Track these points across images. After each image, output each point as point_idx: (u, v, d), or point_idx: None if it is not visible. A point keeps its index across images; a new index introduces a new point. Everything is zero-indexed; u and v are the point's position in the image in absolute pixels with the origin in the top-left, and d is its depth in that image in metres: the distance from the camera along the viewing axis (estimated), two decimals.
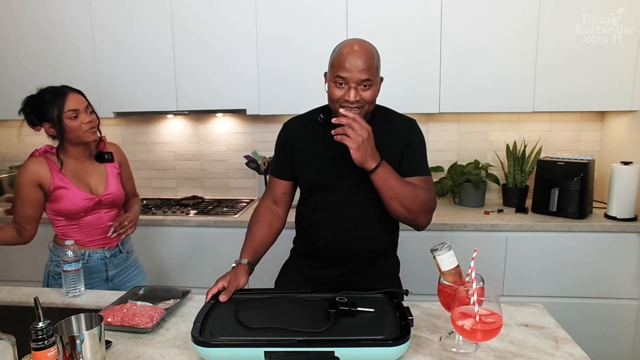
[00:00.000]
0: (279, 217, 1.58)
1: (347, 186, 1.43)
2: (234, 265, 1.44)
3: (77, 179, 1.68)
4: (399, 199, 1.33)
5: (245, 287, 1.38)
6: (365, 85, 1.31)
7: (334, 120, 1.29)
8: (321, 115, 1.44)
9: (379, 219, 1.46)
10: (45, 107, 1.60)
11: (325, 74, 1.40)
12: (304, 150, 1.49)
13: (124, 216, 1.77)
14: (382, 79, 1.39)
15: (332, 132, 1.28)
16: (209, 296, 1.30)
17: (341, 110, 1.29)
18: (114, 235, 1.73)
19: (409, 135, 1.45)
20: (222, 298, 1.29)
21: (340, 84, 1.32)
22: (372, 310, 1.18)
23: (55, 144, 1.71)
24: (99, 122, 1.70)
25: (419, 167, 1.45)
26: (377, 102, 1.42)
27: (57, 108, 1.59)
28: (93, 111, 1.68)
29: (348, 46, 1.32)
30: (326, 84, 1.38)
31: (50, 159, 1.66)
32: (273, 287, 1.62)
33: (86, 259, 1.71)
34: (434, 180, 2.70)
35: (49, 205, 1.68)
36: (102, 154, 1.76)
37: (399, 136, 1.44)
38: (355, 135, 1.25)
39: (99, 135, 1.72)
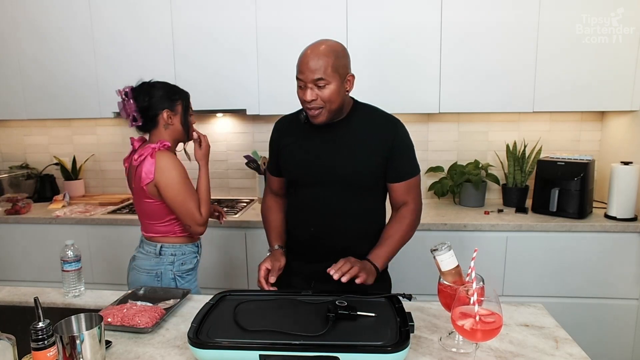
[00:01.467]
0: (286, 204, 1.65)
1: (328, 183, 1.46)
2: (268, 253, 1.50)
3: None
4: (404, 244, 1.48)
5: (245, 288, 1.38)
6: (320, 85, 1.33)
7: (333, 276, 1.29)
8: (303, 113, 1.46)
9: (361, 215, 1.48)
10: (175, 96, 1.68)
11: None
12: (288, 147, 1.53)
13: (218, 207, 1.93)
14: (352, 76, 1.40)
15: (358, 282, 1.30)
16: (263, 284, 1.37)
17: (329, 272, 1.30)
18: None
19: (394, 137, 1.46)
20: (272, 279, 1.38)
21: (301, 86, 1.37)
22: (373, 315, 1.14)
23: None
24: None
25: (408, 170, 1.49)
26: (370, 101, 1.42)
27: (185, 103, 1.70)
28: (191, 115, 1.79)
29: (306, 49, 1.37)
30: None
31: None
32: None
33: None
34: (434, 181, 2.71)
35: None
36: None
37: (382, 136, 1.45)
38: (356, 271, 1.30)
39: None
